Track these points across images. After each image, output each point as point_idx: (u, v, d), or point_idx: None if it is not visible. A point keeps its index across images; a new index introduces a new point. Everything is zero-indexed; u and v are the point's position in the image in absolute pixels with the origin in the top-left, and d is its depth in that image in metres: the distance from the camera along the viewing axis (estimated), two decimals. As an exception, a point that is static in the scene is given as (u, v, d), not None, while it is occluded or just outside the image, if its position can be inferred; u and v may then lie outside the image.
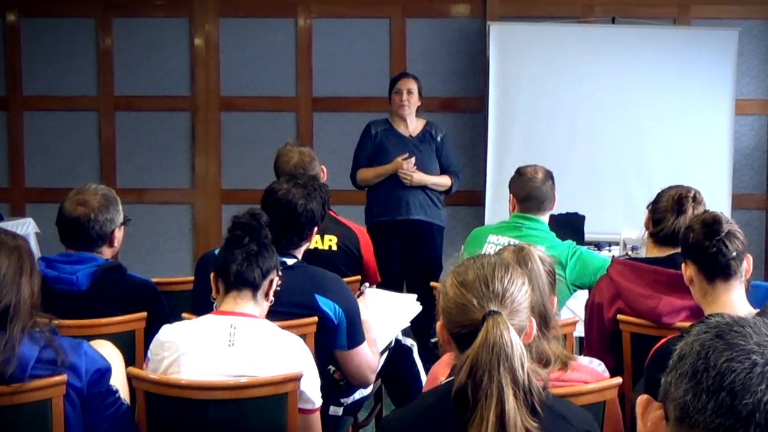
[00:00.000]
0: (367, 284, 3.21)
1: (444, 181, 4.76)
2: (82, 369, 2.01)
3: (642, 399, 1.01)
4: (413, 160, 4.64)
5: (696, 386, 0.93)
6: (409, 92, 4.73)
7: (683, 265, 2.29)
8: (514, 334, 1.55)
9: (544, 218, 3.36)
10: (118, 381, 2.16)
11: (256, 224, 2.32)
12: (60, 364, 1.98)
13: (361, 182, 4.77)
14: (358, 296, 3.00)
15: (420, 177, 4.67)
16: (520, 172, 3.38)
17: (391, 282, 3.91)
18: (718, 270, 2.19)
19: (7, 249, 1.99)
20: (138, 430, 2.19)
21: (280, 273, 2.38)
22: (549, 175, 3.36)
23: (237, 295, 2.26)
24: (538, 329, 1.89)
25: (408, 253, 4.76)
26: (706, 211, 2.37)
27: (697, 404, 0.92)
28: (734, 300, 2.19)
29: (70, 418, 2.02)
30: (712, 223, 2.22)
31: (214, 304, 2.33)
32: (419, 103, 4.80)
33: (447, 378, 1.69)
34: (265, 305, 2.33)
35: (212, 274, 2.32)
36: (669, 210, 2.79)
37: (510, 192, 3.41)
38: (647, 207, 2.90)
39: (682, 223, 2.75)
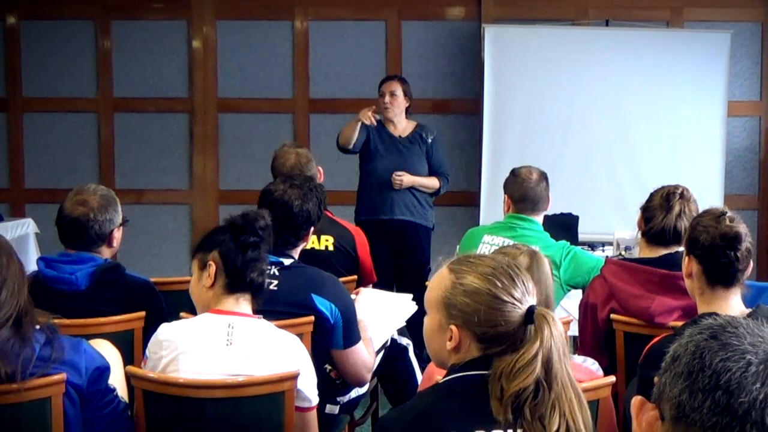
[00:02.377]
0: (361, 288, 3.22)
1: (432, 183, 4.78)
2: (82, 367, 2.02)
3: (636, 400, 1.02)
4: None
5: (692, 385, 0.94)
6: (392, 94, 4.75)
7: (686, 257, 2.24)
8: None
9: (539, 219, 3.37)
10: (117, 379, 2.16)
11: (268, 231, 2.33)
12: (59, 363, 1.98)
13: (342, 141, 4.73)
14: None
15: (410, 179, 4.71)
16: (514, 173, 3.39)
17: (381, 282, 3.90)
18: (725, 278, 2.17)
19: (7, 253, 1.99)
20: (136, 428, 2.19)
21: (268, 269, 2.38)
22: (543, 177, 3.37)
23: (240, 297, 2.28)
24: None
25: (395, 253, 4.78)
26: (724, 215, 2.24)
27: (693, 403, 0.93)
28: (730, 303, 2.18)
29: (70, 415, 2.02)
30: (733, 239, 2.16)
31: (210, 297, 2.29)
32: (407, 104, 4.81)
33: (444, 377, 1.68)
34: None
35: (214, 265, 2.27)
36: (658, 208, 2.80)
37: (505, 192, 3.42)
38: (640, 208, 2.93)
39: (671, 220, 2.77)
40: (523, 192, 3.33)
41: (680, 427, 0.94)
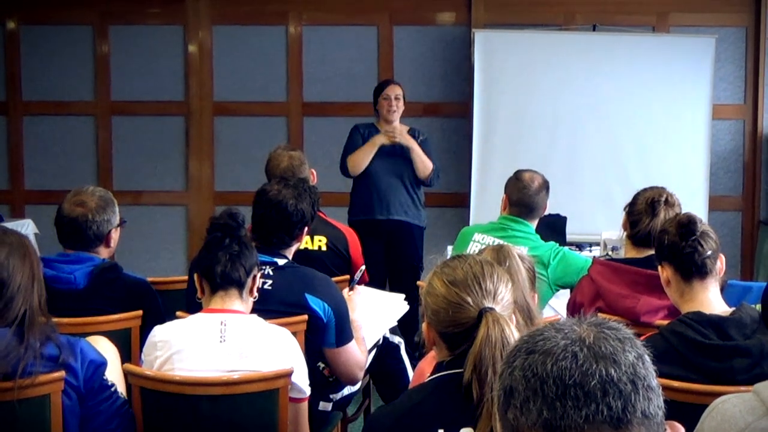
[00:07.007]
0: (357, 286, 3.24)
1: (426, 161, 4.77)
2: (78, 367, 2.04)
3: None
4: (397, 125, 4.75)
5: (545, 400, 0.93)
6: (397, 98, 4.81)
7: (659, 267, 2.30)
8: (513, 329, 1.60)
9: (532, 223, 3.39)
10: (115, 376, 2.18)
11: (234, 224, 2.34)
12: (59, 362, 2.01)
13: (351, 166, 4.77)
14: (351, 289, 3.06)
15: (408, 140, 4.73)
16: (517, 177, 3.39)
17: (373, 281, 3.89)
18: (695, 269, 2.21)
19: (20, 254, 2.01)
20: (134, 425, 2.22)
21: (262, 269, 2.41)
22: (545, 185, 3.38)
23: (224, 295, 2.30)
24: (523, 324, 1.97)
25: (389, 253, 4.80)
26: (678, 214, 2.40)
27: (558, 412, 0.93)
28: (711, 298, 2.21)
29: (68, 413, 2.05)
30: (687, 224, 2.24)
31: (202, 304, 2.36)
32: (403, 108, 4.88)
33: (430, 375, 1.72)
34: (250, 301, 2.37)
35: (196, 276, 2.35)
36: (644, 212, 2.85)
37: (504, 192, 3.43)
38: (624, 209, 2.97)
39: (656, 225, 2.78)
40: (521, 197, 3.35)
41: None
